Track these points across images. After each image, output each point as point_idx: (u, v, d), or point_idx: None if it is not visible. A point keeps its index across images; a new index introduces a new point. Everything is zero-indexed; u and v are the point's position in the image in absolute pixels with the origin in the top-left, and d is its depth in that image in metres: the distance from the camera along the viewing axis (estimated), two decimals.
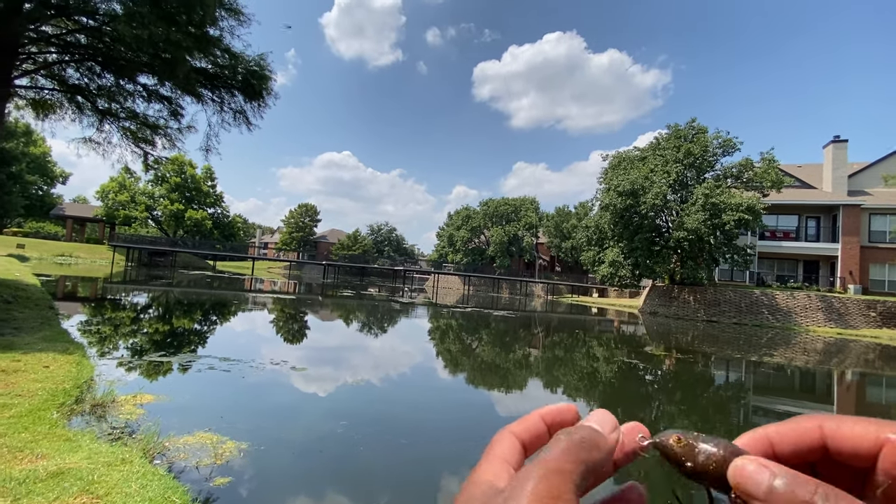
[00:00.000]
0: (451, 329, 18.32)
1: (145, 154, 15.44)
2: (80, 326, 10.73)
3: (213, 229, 56.06)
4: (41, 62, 13.44)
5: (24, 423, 4.03)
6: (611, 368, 11.72)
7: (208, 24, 11.50)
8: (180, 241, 48.68)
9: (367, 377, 8.66)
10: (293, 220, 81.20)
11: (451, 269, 55.85)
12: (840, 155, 31.04)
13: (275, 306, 21.35)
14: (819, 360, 15.67)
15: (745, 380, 11.64)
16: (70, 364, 6.17)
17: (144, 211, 52.70)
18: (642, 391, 9.64)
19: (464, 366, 10.83)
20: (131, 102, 14.11)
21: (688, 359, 13.88)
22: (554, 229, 55.26)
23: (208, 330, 13.12)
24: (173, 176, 53.10)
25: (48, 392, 4.93)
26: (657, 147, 30.06)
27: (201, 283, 30.98)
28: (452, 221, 63.32)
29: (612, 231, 29.58)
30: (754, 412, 8.35)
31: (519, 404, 7.68)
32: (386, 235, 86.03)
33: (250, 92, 13.33)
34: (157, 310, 16.29)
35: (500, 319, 22.26)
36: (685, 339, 18.70)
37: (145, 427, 4.61)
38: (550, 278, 52.88)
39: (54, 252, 42.20)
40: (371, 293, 35.33)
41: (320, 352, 11.16)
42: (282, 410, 6.20)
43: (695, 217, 25.17)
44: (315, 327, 16.12)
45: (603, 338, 18.75)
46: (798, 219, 31.71)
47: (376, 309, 23.96)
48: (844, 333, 23.33)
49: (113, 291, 21.05)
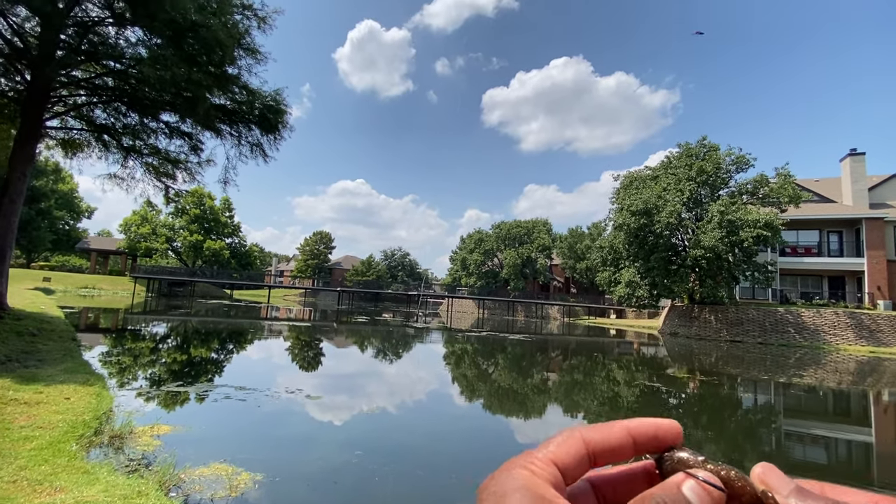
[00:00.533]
0: (466, 354, 18.10)
1: (166, 188, 15.96)
2: (100, 357, 10.90)
3: (230, 259, 57.10)
4: (71, 104, 14.18)
5: (45, 456, 4.07)
6: (632, 392, 11.37)
7: (227, 63, 12.04)
8: (199, 271, 49.64)
9: (383, 405, 8.56)
10: (308, 247, 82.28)
11: (465, 292, 55.61)
12: (858, 168, 30.48)
13: (290, 334, 21.43)
14: (853, 381, 14.98)
15: (775, 403, 11.17)
16: (90, 395, 6.25)
17: (165, 242, 54.07)
18: (666, 416, 9.30)
19: (481, 392, 10.64)
20: (154, 139, 14.71)
21: (712, 381, 13.41)
22: (568, 250, 54.88)
23: (225, 359, 13.20)
24: (193, 208, 54.62)
25: (68, 424, 4.98)
26: (669, 166, 29.94)
27: (218, 311, 31.36)
28: (465, 245, 63.43)
29: (627, 251, 29.24)
30: (787, 437, 7.97)
31: (539, 431, 7.48)
32: (399, 260, 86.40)
33: (267, 126, 13.79)
34: (175, 339, 16.49)
35: (517, 343, 21.94)
36: (709, 361, 18.12)
37: (162, 458, 4.60)
38: (566, 300, 52.18)
39: (78, 284, 43.34)
40: (385, 319, 35.27)
41: (335, 379, 11.10)
42: (297, 440, 6.15)
43: (711, 235, 24.76)
44: (330, 354, 16.09)
45: (623, 360, 18.28)
46: (819, 234, 30.96)
47: (391, 335, 23.87)
48: (878, 352, 22.34)
49: (133, 322, 21.43)
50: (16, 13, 11.85)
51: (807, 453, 7.22)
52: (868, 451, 7.50)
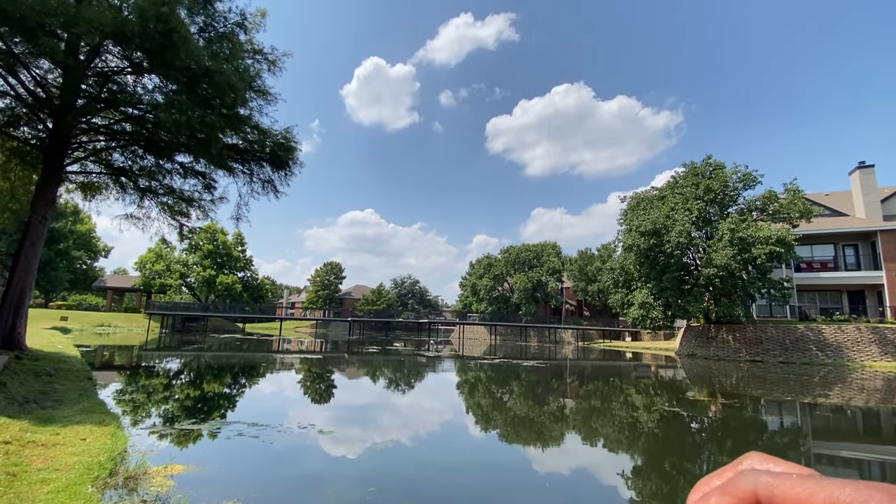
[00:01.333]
0: (480, 382, 17.83)
1: (181, 225, 16.36)
2: (115, 395, 10.95)
3: (242, 292, 57.58)
4: (90, 149, 14.79)
5: (61, 499, 4.08)
6: (652, 418, 11.06)
7: (239, 105, 12.54)
8: (211, 306, 50.06)
9: (396, 437, 8.44)
10: (319, 278, 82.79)
11: (476, 318, 55.14)
12: (868, 180, 30.21)
13: (301, 366, 21.34)
14: (882, 399, 14.42)
15: (802, 424, 10.78)
16: (105, 436, 6.27)
17: (179, 278, 54.84)
18: (689, 441, 9.03)
19: (496, 422, 10.43)
20: (169, 179, 15.20)
21: (734, 403, 13.00)
22: (578, 273, 54.47)
23: (237, 394, 13.16)
24: (206, 244, 55.59)
25: (84, 465, 5.00)
26: (675, 185, 29.96)
27: (231, 346, 31.42)
28: (475, 270, 63.35)
29: (638, 272, 28.98)
30: (817, 459, 7.66)
31: (558, 461, 7.29)
32: (409, 288, 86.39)
33: (278, 162, 14.20)
34: (188, 375, 16.52)
35: (531, 370, 21.57)
36: (729, 382, 17.61)
37: (175, 499, 4.58)
38: (579, 323, 51.42)
39: (94, 322, 43.90)
40: (397, 348, 35.00)
41: (347, 412, 10.98)
42: (310, 477, 6.07)
43: (723, 253, 24.49)
44: (342, 386, 15.96)
45: (640, 384, 17.84)
46: (834, 248, 30.45)
47: (402, 364, 23.64)
48: None
49: (147, 359, 21.55)
50: (39, 65, 12.54)
51: (838, 474, 6.90)
52: None
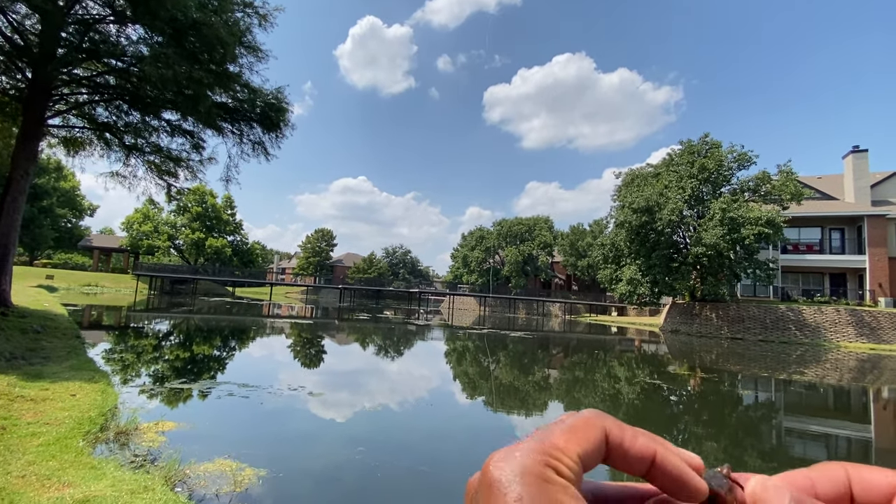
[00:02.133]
0: (468, 351, 18.16)
1: (168, 186, 16.01)
2: (104, 355, 10.98)
3: (232, 256, 57.17)
4: (73, 102, 14.21)
5: (52, 452, 4.12)
6: (633, 390, 11.42)
7: (229, 61, 12.05)
8: (201, 269, 49.75)
9: (385, 402, 8.62)
10: (310, 245, 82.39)
11: (467, 289, 55.66)
12: (861, 165, 30.40)
13: (292, 331, 21.50)
14: (853, 378, 15.01)
15: (776, 399, 11.21)
16: (95, 392, 6.31)
17: (167, 240, 54.17)
18: (668, 412, 9.36)
19: (482, 389, 10.69)
20: (156, 137, 14.74)
21: (713, 378, 13.45)
22: (569, 248, 54.83)
23: (227, 356, 13.27)
24: (195, 206, 54.66)
25: (75, 420, 5.04)
26: (670, 163, 29.89)
27: (221, 309, 31.46)
28: (466, 242, 63.44)
29: (628, 248, 29.24)
30: (787, 434, 8.01)
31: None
32: (401, 258, 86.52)
33: (268, 124, 13.81)
34: (178, 337, 16.57)
35: (518, 341, 21.99)
36: (709, 358, 18.16)
37: (167, 454, 4.66)
38: (567, 297, 52.20)
39: (81, 282, 43.49)
40: (387, 316, 35.35)
41: (337, 377, 11.16)
42: (300, 437, 6.20)
43: (713, 232, 24.75)
44: (332, 352, 16.16)
45: (624, 358, 18.32)
46: (821, 231, 30.90)
47: (392, 332, 23.93)
48: (878, 349, 22.34)
49: (136, 320, 21.52)
50: (15, 10, 11.86)
51: (807, 450, 7.25)
52: (867, 448, 7.54)
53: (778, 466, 6.09)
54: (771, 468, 5.32)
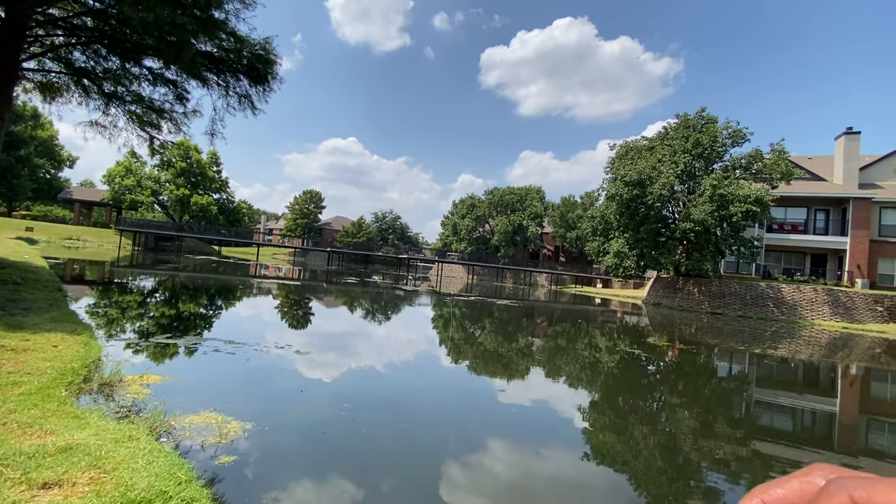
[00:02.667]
0: (454, 317, 18.39)
1: (151, 138, 15.44)
2: (87, 309, 10.86)
3: (218, 215, 56.20)
4: (48, 45, 13.39)
5: (34, 401, 4.11)
6: (613, 359, 11.74)
7: (213, 6, 11.38)
8: (186, 226, 48.94)
9: (371, 363, 8.74)
10: (298, 206, 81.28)
11: (456, 257, 55.87)
12: (852, 147, 30.53)
13: (279, 292, 21.49)
14: (824, 354, 15.61)
15: (749, 372, 11.64)
16: (78, 344, 6.26)
17: (151, 195, 52.91)
18: (644, 382, 9.67)
19: (466, 354, 10.89)
20: (137, 86, 14.07)
21: (691, 350, 13.88)
22: (559, 219, 54.99)
23: (214, 314, 13.25)
24: (179, 161, 53.12)
25: (57, 371, 5.01)
26: (665, 137, 29.70)
27: (207, 268, 31.20)
28: (457, 210, 63.15)
29: (617, 221, 29.40)
30: (756, 405, 8.36)
31: (521, 393, 7.73)
32: (391, 223, 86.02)
33: (255, 76, 13.24)
34: (163, 294, 16.45)
35: (504, 309, 22.31)
36: (689, 331, 18.68)
37: (152, 406, 4.68)
38: (555, 268, 52.80)
39: (62, 235, 42.57)
40: (375, 281, 35.46)
41: (324, 337, 11.25)
42: (286, 393, 6.28)
43: (702, 208, 24.93)
44: (319, 313, 16.24)
45: (606, 328, 18.76)
46: (807, 211, 31.33)
47: (380, 296, 24.07)
48: (850, 328, 23.20)
49: (120, 275, 21.25)
50: None
51: (774, 420, 7.59)
52: (831, 420, 7.92)
53: (745, 434, 6.38)
54: (738, 436, 5.54)
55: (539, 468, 4.76)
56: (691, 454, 5.49)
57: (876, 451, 6.44)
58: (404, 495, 3.90)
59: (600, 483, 4.60)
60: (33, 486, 2.70)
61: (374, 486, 3.89)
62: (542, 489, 4.30)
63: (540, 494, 4.20)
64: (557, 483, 4.46)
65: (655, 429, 6.34)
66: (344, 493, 3.77)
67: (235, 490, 3.46)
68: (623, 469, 4.93)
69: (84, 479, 2.85)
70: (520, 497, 4.14)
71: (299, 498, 3.58)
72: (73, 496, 2.63)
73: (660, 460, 5.17)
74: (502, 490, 4.20)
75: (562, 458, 5.12)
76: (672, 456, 5.36)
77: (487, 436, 5.46)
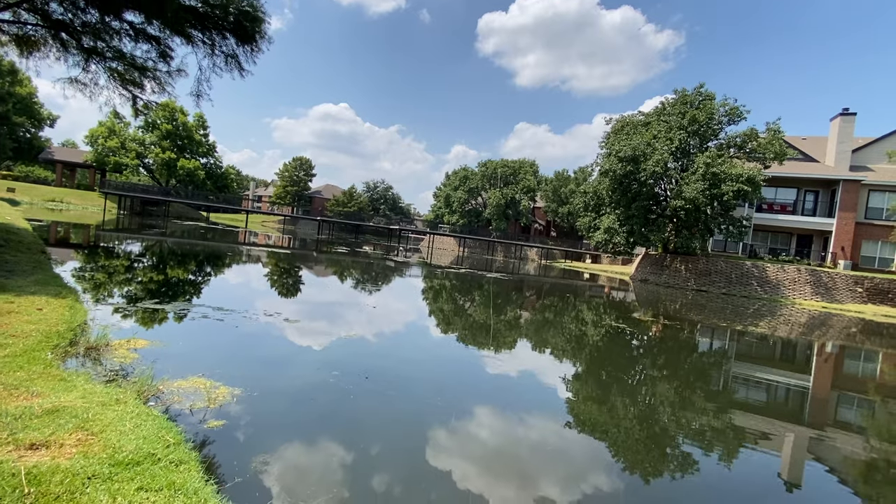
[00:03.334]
0: (444, 289, 18.52)
1: (134, 97, 14.87)
2: (73, 272, 10.72)
3: (205, 180, 54.98)
4: None
5: (19, 363, 4.08)
6: (598, 332, 11.98)
7: None
8: (173, 191, 47.94)
9: (360, 332, 8.81)
10: (287, 173, 79.87)
11: (447, 230, 55.77)
12: (847, 128, 30.52)
13: (269, 260, 21.37)
14: (801, 332, 16.09)
15: (728, 348, 11.98)
16: (63, 308, 6.19)
17: (135, 158, 51.44)
18: (627, 355, 9.91)
19: (455, 325, 11.02)
20: (118, 41, 13.41)
21: (674, 326, 14.20)
22: (552, 194, 54.88)
23: (202, 280, 13.17)
24: (164, 123, 51.45)
25: (42, 334, 4.97)
26: (662, 112, 29.39)
27: (195, 233, 30.81)
28: (450, 182, 62.65)
29: (609, 197, 29.41)
30: (734, 379, 8.63)
31: (508, 364, 7.88)
32: (382, 193, 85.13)
33: (242, 35, 12.69)
34: (150, 259, 16.26)
35: (493, 282, 22.49)
36: (673, 307, 19.07)
37: (139, 370, 4.69)
38: (545, 243, 53.07)
39: (45, 197, 41.52)
40: (366, 251, 35.39)
41: (314, 306, 11.28)
42: (275, 359, 6.33)
43: (694, 186, 24.99)
44: (309, 282, 16.23)
45: (592, 303, 19.06)
46: (797, 192, 31.58)
47: (371, 267, 24.08)
48: (829, 307, 23.86)
49: (106, 239, 20.91)
50: None
51: (749, 394, 7.87)
52: (804, 395, 8.23)
53: (720, 407, 6.62)
54: (714, 407, 5.72)
55: (523, 435, 4.91)
56: (668, 424, 5.69)
57: (843, 423, 6.73)
58: (391, 459, 4.01)
59: (581, 449, 4.77)
60: (20, 446, 2.71)
61: (362, 450, 3.99)
62: (526, 455, 4.45)
63: (523, 459, 4.35)
64: (540, 449, 4.61)
65: (635, 400, 6.54)
66: (332, 456, 3.86)
67: (225, 453, 3.52)
68: (603, 437, 5.10)
69: (72, 440, 2.87)
70: (503, 461, 4.28)
71: (288, 461, 3.66)
72: (60, 457, 2.65)
73: (638, 429, 5.35)
74: (486, 454, 4.33)
75: (545, 425, 5.28)
76: (650, 425, 5.55)
77: (473, 404, 5.60)
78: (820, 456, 5.24)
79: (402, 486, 3.56)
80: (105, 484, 2.47)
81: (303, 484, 3.32)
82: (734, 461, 4.83)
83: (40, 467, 2.49)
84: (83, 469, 2.55)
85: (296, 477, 3.42)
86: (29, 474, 2.41)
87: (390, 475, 3.70)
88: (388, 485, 3.54)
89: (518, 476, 4.06)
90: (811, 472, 4.87)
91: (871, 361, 12.07)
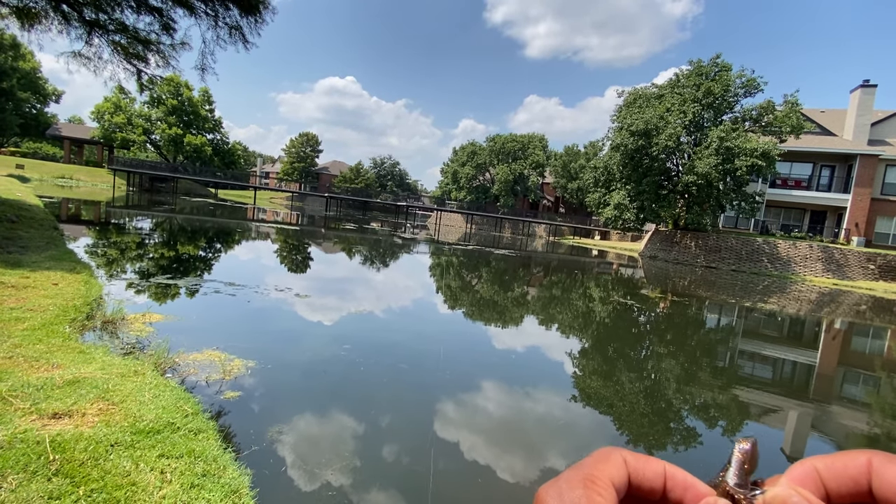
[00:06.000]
0: (452, 266, 18.56)
1: (138, 72, 14.71)
2: (86, 248, 10.87)
3: (213, 156, 54.88)
4: None
5: (38, 336, 4.19)
6: (606, 309, 12.00)
7: None
8: (181, 168, 48.00)
9: (370, 308, 8.90)
10: (294, 149, 79.38)
11: (455, 206, 55.49)
12: (867, 101, 29.50)
13: (278, 237, 21.50)
14: (811, 309, 15.99)
15: (736, 324, 11.96)
16: (78, 283, 6.31)
17: (142, 134, 51.34)
18: (634, 331, 9.94)
19: (463, 301, 11.09)
20: (119, 13, 13.19)
21: (682, 302, 14.17)
22: (561, 169, 54.08)
23: (213, 257, 13.31)
24: (169, 98, 51.08)
25: (59, 308, 5.08)
26: (676, 84, 28.53)
27: (205, 210, 30.98)
28: (457, 157, 61.89)
29: (620, 173, 28.94)
30: (740, 355, 8.65)
31: (516, 338, 7.95)
32: (389, 169, 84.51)
33: (246, 5, 12.41)
34: (161, 235, 16.43)
35: (501, 258, 22.49)
36: (682, 284, 18.99)
37: (155, 343, 4.80)
38: (554, 219, 52.69)
39: (54, 174, 41.79)
40: (373, 227, 35.42)
41: (324, 282, 11.39)
42: (287, 333, 6.44)
43: (707, 161, 24.47)
44: (318, 259, 16.34)
45: (601, 279, 19.03)
46: (812, 167, 30.83)
47: (379, 243, 24.15)
48: (840, 284, 23.62)
49: (117, 216, 21.12)
50: None
51: (755, 370, 7.89)
52: (810, 371, 8.24)
53: (725, 382, 6.66)
54: (720, 383, 5.74)
55: (529, 408, 4.99)
56: (674, 399, 5.75)
57: (848, 399, 6.76)
58: (401, 429, 4.11)
59: (586, 422, 4.85)
60: (43, 415, 2.81)
61: (372, 421, 4.09)
62: (532, 427, 4.53)
63: (529, 431, 4.43)
64: (546, 421, 4.69)
65: (641, 375, 6.60)
66: (345, 426, 3.96)
67: (241, 423, 3.63)
68: (608, 411, 5.17)
69: (93, 409, 2.97)
70: (510, 432, 4.37)
71: (302, 431, 3.76)
72: (83, 426, 2.75)
73: (643, 403, 5.42)
74: (493, 426, 4.42)
75: (551, 399, 5.36)
76: (655, 400, 5.61)
77: (481, 377, 5.68)
78: (824, 431, 5.28)
79: (411, 457, 3.66)
80: (127, 451, 2.57)
81: (316, 453, 3.42)
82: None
83: (64, 435, 2.58)
84: (106, 437, 2.65)
85: (310, 446, 3.53)
86: (53, 442, 2.50)
87: (400, 445, 3.79)
88: (398, 454, 3.64)
89: (524, 447, 4.15)
90: (814, 447, 4.92)
91: (880, 338, 12.00)
